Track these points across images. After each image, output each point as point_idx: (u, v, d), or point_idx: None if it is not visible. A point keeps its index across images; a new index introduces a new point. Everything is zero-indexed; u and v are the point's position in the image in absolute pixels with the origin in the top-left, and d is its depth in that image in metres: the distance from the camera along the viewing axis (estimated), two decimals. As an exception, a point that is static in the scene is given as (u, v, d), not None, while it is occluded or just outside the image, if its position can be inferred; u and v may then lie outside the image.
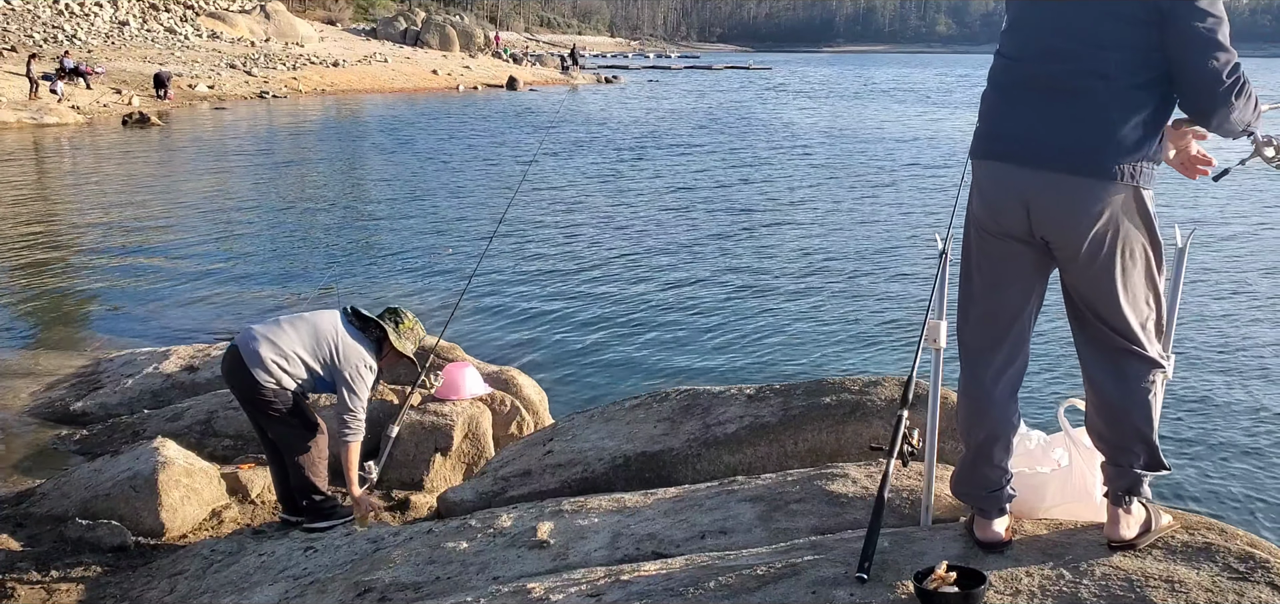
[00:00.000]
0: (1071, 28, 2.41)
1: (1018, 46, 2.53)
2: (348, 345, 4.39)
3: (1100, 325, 2.50)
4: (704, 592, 2.58)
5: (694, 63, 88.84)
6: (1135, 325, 2.48)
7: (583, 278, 11.13)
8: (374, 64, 46.18)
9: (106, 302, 9.98)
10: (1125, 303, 2.46)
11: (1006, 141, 2.51)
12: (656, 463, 4.13)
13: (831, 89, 50.75)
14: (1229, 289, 10.58)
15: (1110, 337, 2.50)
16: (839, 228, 14.26)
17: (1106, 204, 2.38)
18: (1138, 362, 2.50)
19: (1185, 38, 2.31)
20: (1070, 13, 2.42)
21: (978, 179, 2.60)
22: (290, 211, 15.24)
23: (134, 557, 4.31)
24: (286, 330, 4.38)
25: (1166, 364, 2.56)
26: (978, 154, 2.58)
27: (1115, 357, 2.51)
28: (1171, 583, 2.34)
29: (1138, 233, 2.43)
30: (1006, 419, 2.64)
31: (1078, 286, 2.52)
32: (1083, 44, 2.38)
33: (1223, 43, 2.31)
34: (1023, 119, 2.48)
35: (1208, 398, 7.49)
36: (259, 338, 4.33)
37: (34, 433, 6.06)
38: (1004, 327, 2.61)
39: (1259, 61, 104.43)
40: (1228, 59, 2.32)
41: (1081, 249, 2.44)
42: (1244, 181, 17.82)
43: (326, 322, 4.46)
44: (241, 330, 4.49)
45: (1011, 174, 2.48)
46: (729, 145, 24.70)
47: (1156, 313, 2.52)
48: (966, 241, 2.66)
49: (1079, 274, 2.49)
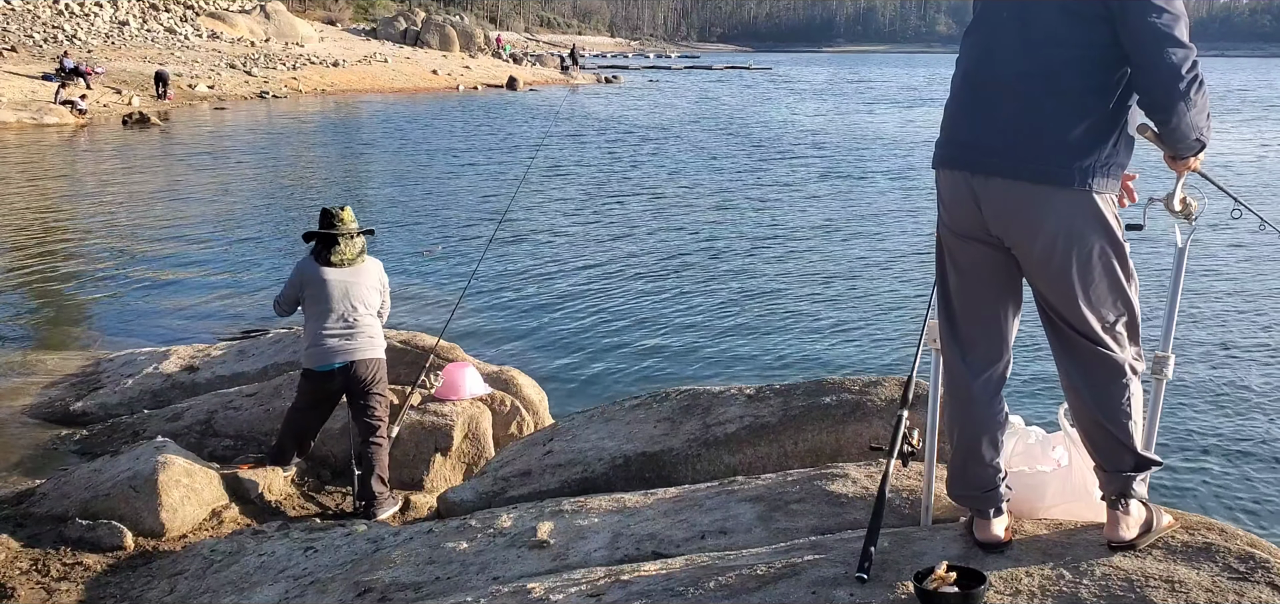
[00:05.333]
0: (1023, 27, 2.39)
1: (972, 49, 2.53)
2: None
3: (1067, 329, 2.48)
4: (704, 592, 2.58)
5: (694, 63, 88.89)
6: (1099, 329, 2.45)
7: (583, 278, 11.13)
8: (374, 64, 46.17)
9: (106, 302, 9.98)
10: (1086, 308, 2.43)
11: (957, 148, 2.51)
12: (656, 463, 4.13)
13: (831, 89, 50.74)
14: (1229, 289, 10.58)
15: (1077, 340, 2.47)
16: (839, 228, 14.26)
17: (1057, 210, 2.35)
18: (1107, 365, 2.47)
19: (1139, 33, 2.27)
20: (1022, 11, 2.40)
21: (938, 187, 2.61)
22: (290, 211, 15.23)
23: (134, 557, 4.31)
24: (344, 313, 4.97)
25: (1141, 365, 2.53)
26: (935, 162, 2.59)
27: (1085, 360, 2.48)
28: (1171, 583, 2.34)
29: (1095, 238, 2.38)
30: (991, 418, 2.62)
31: (1040, 290, 2.51)
32: (1032, 44, 2.37)
33: (1179, 38, 2.26)
34: (972, 125, 2.48)
35: (1208, 398, 7.49)
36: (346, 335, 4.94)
37: (34, 433, 6.05)
38: (980, 328, 2.60)
39: (1259, 62, 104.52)
40: (1186, 55, 2.26)
41: (1035, 254, 2.43)
42: (1244, 182, 17.82)
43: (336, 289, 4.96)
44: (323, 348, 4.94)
45: (965, 182, 2.47)
46: (729, 145, 24.71)
47: (1128, 315, 2.48)
48: (938, 245, 2.67)
49: (1038, 278, 2.48)
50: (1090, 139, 2.33)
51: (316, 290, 4.95)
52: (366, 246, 5.17)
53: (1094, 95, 2.34)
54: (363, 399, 4.96)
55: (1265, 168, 20.62)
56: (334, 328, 4.93)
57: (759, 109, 37.07)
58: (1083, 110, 2.33)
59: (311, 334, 4.97)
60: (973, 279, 2.59)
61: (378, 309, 5.13)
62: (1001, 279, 2.56)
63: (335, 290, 4.95)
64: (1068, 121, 2.33)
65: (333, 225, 5.02)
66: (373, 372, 4.99)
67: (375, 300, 5.09)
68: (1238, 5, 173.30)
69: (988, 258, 2.54)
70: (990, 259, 2.54)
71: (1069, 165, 2.32)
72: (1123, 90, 2.35)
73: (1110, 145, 2.35)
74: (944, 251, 2.64)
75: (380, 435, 4.94)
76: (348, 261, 5.01)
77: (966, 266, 2.59)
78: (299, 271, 5.05)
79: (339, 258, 4.99)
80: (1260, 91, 50.26)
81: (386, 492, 4.89)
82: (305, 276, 5.00)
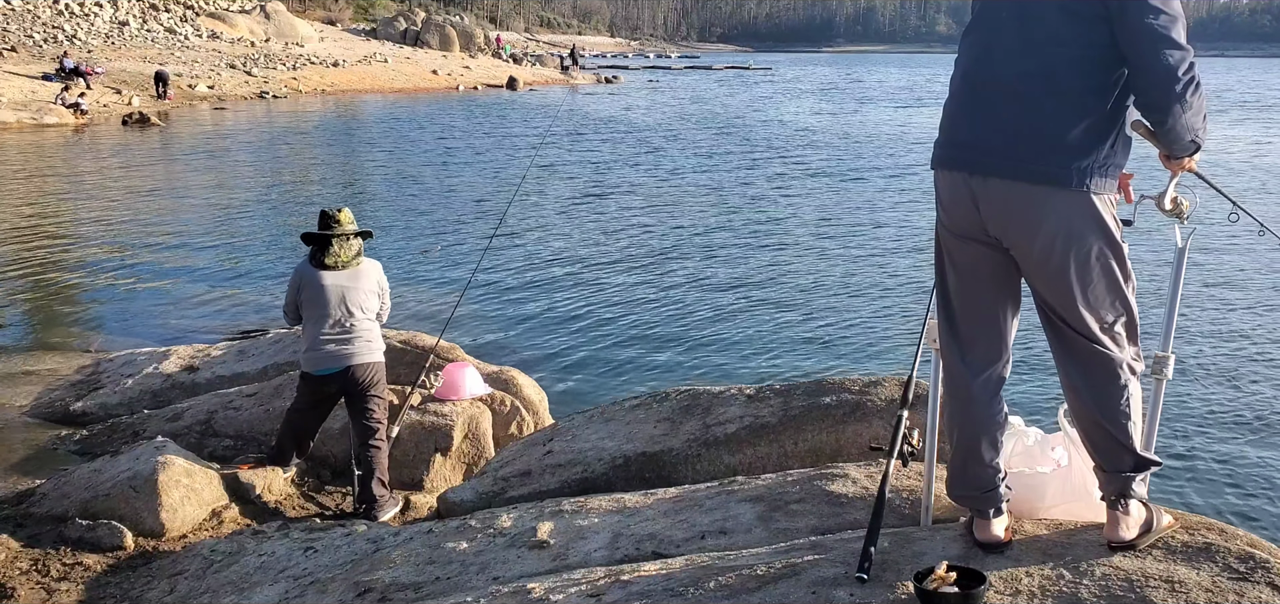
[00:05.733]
0: (1022, 27, 2.39)
1: (971, 48, 2.53)
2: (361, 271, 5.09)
3: (1065, 329, 2.48)
4: (704, 592, 2.58)
5: (694, 63, 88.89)
6: (1098, 329, 2.45)
7: (583, 278, 11.13)
8: (374, 64, 46.17)
9: (106, 302, 9.98)
10: (1085, 308, 2.43)
11: (956, 148, 2.51)
12: (656, 463, 4.13)
13: (831, 89, 50.74)
14: (1229, 289, 10.58)
15: (1076, 340, 2.47)
16: (839, 228, 14.26)
17: (1054, 210, 2.35)
18: (1105, 365, 2.47)
19: (1136, 34, 2.27)
20: (1022, 11, 2.40)
21: (936, 188, 2.61)
22: (290, 211, 15.23)
23: (134, 557, 4.31)
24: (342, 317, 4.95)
25: (1140, 365, 2.53)
26: (934, 163, 2.59)
27: (1083, 360, 2.48)
28: (1171, 583, 2.34)
29: (1093, 238, 2.38)
30: (990, 418, 2.62)
31: (1038, 291, 2.51)
32: (1032, 44, 2.36)
33: (1176, 39, 2.25)
34: (971, 125, 2.47)
35: (1208, 398, 7.49)
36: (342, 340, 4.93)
37: (34, 433, 6.05)
38: (979, 328, 2.60)
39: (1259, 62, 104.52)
40: (1182, 56, 2.26)
41: (1034, 254, 2.42)
42: (1243, 182, 17.82)
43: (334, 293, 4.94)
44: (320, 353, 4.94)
45: (964, 182, 2.47)
46: (729, 145, 24.71)
47: (1126, 315, 2.48)
48: (937, 245, 2.67)
49: (1036, 279, 2.48)
50: (1089, 139, 2.33)
51: (313, 294, 4.94)
52: (364, 248, 5.15)
53: (1093, 95, 2.33)
54: (361, 402, 4.95)
55: (1264, 168, 20.62)
56: (330, 333, 4.92)
57: (759, 109, 37.07)
58: (1082, 110, 2.33)
59: (309, 338, 4.97)
60: (971, 279, 2.59)
61: (377, 312, 5.11)
62: (1000, 279, 2.56)
63: (331, 295, 4.93)
64: (1067, 121, 2.33)
65: (329, 227, 5.00)
66: (371, 376, 4.98)
67: (374, 303, 5.06)
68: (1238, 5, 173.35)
69: (986, 258, 2.54)
70: (989, 259, 2.54)
71: (1068, 165, 2.32)
72: (1121, 90, 2.35)
73: (1109, 145, 2.35)
74: (943, 252, 2.64)
75: (378, 438, 4.94)
76: (343, 264, 4.98)
77: (965, 267, 2.59)
78: (296, 275, 5.05)
79: (333, 260, 4.96)
80: (1260, 92, 50.24)
81: (387, 493, 4.89)
82: (303, 279, 5.00)
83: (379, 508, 4.78)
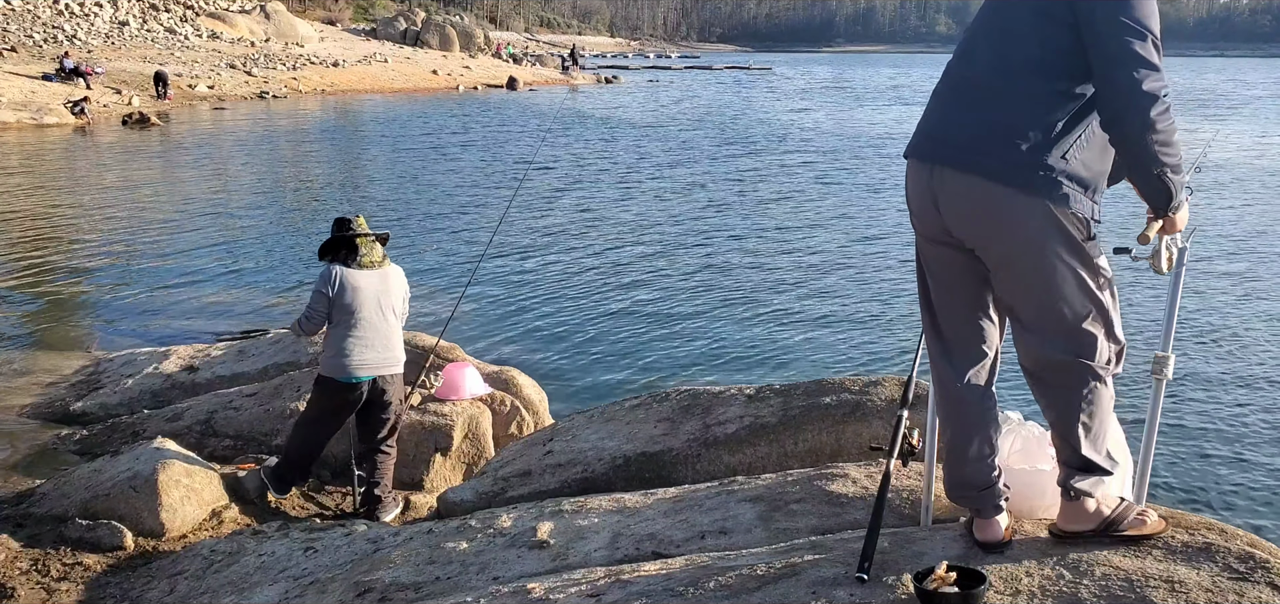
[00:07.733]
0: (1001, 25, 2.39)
1: (958, 46, 2.54)
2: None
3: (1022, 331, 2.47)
4: (704, 592, 2.58)
5: (694, 63, 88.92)
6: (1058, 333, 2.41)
7: (583, 278, 11.13)
8: (374, 64, 46.18)
9: (106, 301, 9.98)
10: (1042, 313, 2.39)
11: (921, 137, 2.50)
12: (656, 463, 4.13)
13: (831, 89, 50.75)
14: (1229, 289, 10.58)
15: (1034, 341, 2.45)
16: (839, 228, 14.26)
17: (1014, 214, 2.30)
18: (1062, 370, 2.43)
19: (1101, 45, 2.19)
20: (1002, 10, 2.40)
21: (905, 186, 2.60)
22: (290, 212, 15.24)
23: (134, 557, 4.31)
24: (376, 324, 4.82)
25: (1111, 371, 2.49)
26: (904, 152, 2.58)
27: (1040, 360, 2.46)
28: (1171, 583, 2.34)
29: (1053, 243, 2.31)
30: (981, 417, 2.60)
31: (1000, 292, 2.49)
32: (1006, 42, 2.36)
33: (1144, 57, 2.16)
34: (942, 118, 2.47)
35: (1208, 398, 7.49)
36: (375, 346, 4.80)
37: (34, 433, 6.05)
38: (961, 326, 2.59)
39: (1259, 62, 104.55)
40: (1147, 76, 2.15)
41: (992, 257, 2.41)
42: (1243, 181, 17.81)
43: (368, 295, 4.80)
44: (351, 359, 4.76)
45: (922, 171, 2.47)
46: (729, 145, 24.71)
47: (1102, 319, 2.42)
48: (916, 250, 2.66)
49: (997, 282, 2.47)
50: (1050, 143, 2.28)
51: (350, 296, 4.73)
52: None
53: (1056, 99, 2.29)
54: (379, 412, 4.86)
55: (1263, 168, 20.61)
56: (365, 337, 4.74)
57: (759, 109, 37.07)
58: (1046, 112, 2.29)
59: (336, 342, 4.75)
60: (945, 282, 2.58)
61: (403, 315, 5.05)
62: (972, 281, 2.54)
63: (367, 296, 4.76)
64: (1029, 122, 2.29)
65: (349, 231, 4.86)
66: (396, 388, 4.91)
67: (402, 307, 4.98)
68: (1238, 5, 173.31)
69: (956, 261, 2.52)
70: (959, 262, 2.52)
71: (1025, 167, 2.27)
72: (1087, 103, 2.30)
73: (1072, 152, 2.29)
74: (919, 252, 2.65)
75: (389, 445, 4.89)
76: (376, 264, 4.87)
77: (939, 271, 2.58)
78: (332, 274, 4.77)
79: (368, 260, 4.83)
80: (1259, 92, 50.24)
81: (389, 496, 4.88)
82: (342, 280, 4.74)
83: (381, 510, 4.77)
